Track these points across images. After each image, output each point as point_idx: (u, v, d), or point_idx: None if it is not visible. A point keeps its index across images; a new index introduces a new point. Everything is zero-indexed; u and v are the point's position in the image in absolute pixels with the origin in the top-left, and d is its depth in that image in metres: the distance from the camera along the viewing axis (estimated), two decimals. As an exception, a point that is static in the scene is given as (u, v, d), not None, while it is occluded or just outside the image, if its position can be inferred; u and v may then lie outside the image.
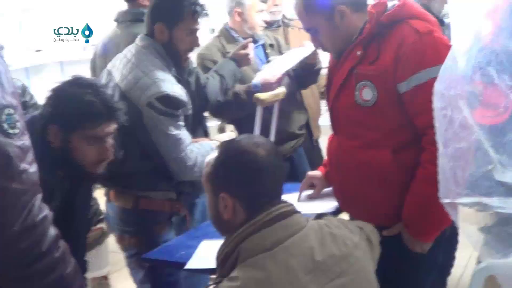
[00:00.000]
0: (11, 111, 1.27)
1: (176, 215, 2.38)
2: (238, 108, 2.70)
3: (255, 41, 2.92)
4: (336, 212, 2.05)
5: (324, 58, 2.64)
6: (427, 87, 1.66)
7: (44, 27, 4.88)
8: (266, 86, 2.65)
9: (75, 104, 1.72)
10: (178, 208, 2.35)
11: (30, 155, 1.31)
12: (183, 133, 2.20)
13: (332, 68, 2.00)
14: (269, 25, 3.30)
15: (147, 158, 2.23)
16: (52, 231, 1.34)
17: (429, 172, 1.69)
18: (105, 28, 2.88)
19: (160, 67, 2.20)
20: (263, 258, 1.33)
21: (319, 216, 1.54)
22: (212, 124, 3.48)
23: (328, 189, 2.20)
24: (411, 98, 1.76)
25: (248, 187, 1.42)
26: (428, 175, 1.70)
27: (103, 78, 2.28)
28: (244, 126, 2.82)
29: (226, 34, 2.99)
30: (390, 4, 1.86)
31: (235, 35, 2.97)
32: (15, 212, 1.25)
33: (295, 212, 1.44)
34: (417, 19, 1.83)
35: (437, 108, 1.14)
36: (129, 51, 2.28)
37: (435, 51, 1.74)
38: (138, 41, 2.30)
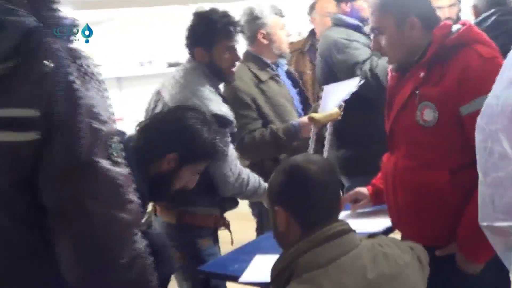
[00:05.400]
0: (118, 139, 1.21)
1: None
2: (275, 148, 2.71)
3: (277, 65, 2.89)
4: (387, 232, 2.06)
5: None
6: None
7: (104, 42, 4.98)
8: (304, 128, 2.64)
9: (201, 143, 1.88)
10: (223, 224, 2.40)
11: (133, 186, 1.24)
12: (229, 149, 2.28)
13: (392, 89, 2.00)
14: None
15: None
16: (151, 259, 1.27)
17: None
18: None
19: (207, 87, 2.29)
20: (317, 274, 1.36)
21: (372, 235, 1.58)
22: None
23: (378, 207, 2.22)
24: (472, 121, 1.70)
25: (299, 201, 1.46)
26: None
27: (153, 98, 2.39)
28: None
29: (254, 60, 2.84)
30: (454, 28, 1.86)
31: (264, 59, 2.84)
32: (122, 243, 1.17)
33: (350, 230, 1.47)
34: (481, 44, 1.83)
35: (478, 141, 1.21)
36: (177, 73, 2.38)
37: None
38: (185, 63, 2.40)
